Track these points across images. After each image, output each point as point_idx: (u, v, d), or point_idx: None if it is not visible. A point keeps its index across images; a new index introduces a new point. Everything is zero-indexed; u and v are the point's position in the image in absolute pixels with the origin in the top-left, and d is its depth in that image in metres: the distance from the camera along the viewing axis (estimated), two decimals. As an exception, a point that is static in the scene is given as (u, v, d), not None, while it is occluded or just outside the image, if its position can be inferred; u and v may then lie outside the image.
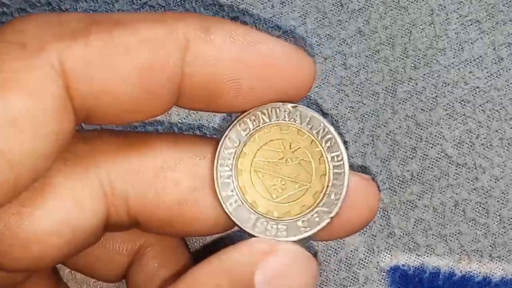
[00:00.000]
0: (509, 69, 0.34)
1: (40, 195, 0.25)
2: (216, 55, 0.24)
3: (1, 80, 0.22)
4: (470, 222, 0.33)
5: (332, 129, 0.26)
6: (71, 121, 0.23)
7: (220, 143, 0.26)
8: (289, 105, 0.26)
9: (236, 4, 0.34)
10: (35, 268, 0.26)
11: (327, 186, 0.26)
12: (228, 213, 0.26)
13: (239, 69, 0.25)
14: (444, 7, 0.34)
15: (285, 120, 0.26)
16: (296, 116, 0.26)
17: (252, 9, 0.34)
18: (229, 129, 0.26)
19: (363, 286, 0.33)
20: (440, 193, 0.34)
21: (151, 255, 0.30)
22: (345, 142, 0.31)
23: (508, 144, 0.34)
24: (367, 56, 0.34)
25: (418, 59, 0.34)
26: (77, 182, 0.25)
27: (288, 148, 0.26)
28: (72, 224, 0.25)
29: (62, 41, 0.23)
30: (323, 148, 0.26)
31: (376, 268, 0.34)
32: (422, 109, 0.34)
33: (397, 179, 0.34)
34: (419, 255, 0.33)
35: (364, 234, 0.34)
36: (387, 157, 0.34)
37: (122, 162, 0.26)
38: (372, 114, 0.34)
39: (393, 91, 0.34)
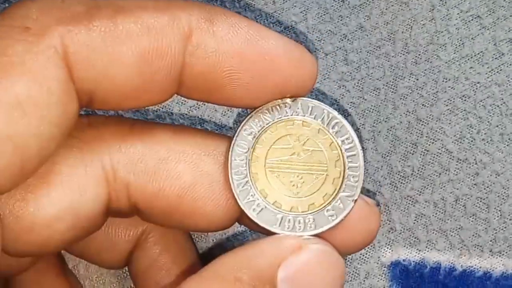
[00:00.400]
0: (510, 65, 0.34)
1: (45, 182, 0.25)
2: (217, 46, 0.25)
3: (4, 64, 0.22)
4: (470, 217, 0.33)
5: (335, 113, 0.27)
6: (74, 104, 0.24)
7: (230, 153, 0.26)
8: (288, 100, 0.26)
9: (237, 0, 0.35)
10: (40, 253, 0.26)
11: (344, 170, 0.26)
12: (254, 219, 0.26)
13: (240, 63, 0.25)
14: (445, 2, 0.34)
15: (287, 116, 0.27)
16: (298, 109, 0.27)
17: (254, 4, 0.34)
18: (235, 137, 0.26)
19: (364, 281, 0.34)
20: (441, 188, 0.34)
21: (152, 241, 0.31)
22: (352, 124, 0.31)
23: (509, 139, 0.34)
24: (368, 52, 0.34)
25: (419, 54, 0.34)
26: (81, 169, 0.25)
27: (297, 142, 0.27)
28: (75, 210, 0.25)
29: (64, 25, 0.23)
30: (331, 134, 0.26)
31: (377, 263, 0.34)
32: (423, 105, 0.34)
33: (398, 174, 0.34)
34: (420, 250, 0.33)
35: (365, 229, 0.34)
36: (388, 153, 0.34)
37: (126, 150, 0.26)
38: (373, 109, 0.34)
39: (394, 86, 0.34)
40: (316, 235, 0.25)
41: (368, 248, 0.34)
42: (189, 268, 0.31)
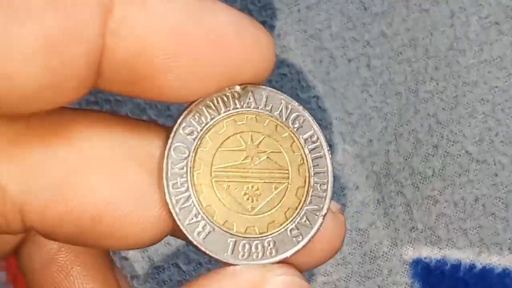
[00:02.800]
0: (527, 69, 0.35)
1: None
2: (148, 23, 0.19)
3: None
4: (490, 216, 0.34)
5: (295, 104, 0.21)
6: None
7: (165, 159, 0.20)
8: (237, 88, 0.21)
9: (264, 8, 0.36)
10: None
11: (309, 176, 0.21)
12: (199, 246, 0.20)
13: (178, 44, 0.19)
14: (464, 9, 0.35)
15: (237, 108, 0.21)
16: (249, 99, 0.21)
17: (280, 13, 0.35)
18: (171, 138, 0.20)
19: (386, 278, 0.34)
20: (461, 188, 0.34)
21: None
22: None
23: (527, 141, 0.34)
24: (390, 58, 0.35)
25: (439, 60, 0.35)
26: None
27: (250, 143, 0.21)
28: None
29: None
30: (291, 131, 0.21)
31: (399, 261, 0.34)
32: (443, 108, 0.35)
33: (420, 176, 0.35)
34: (440, 248, 0.34)
35: (388, 228, 0.35)
36: (410, 155, 0.35)
37: (18, 158, 0.19)
38: (395, 113, 0.35)
39: (415, 91, 0.35)
40: (279, 261, 0.20)
41: (390, 246, 0.34)
42: (99, 272, 0.25)
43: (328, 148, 0.21)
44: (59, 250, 0.24)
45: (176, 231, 0.20)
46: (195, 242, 0.20)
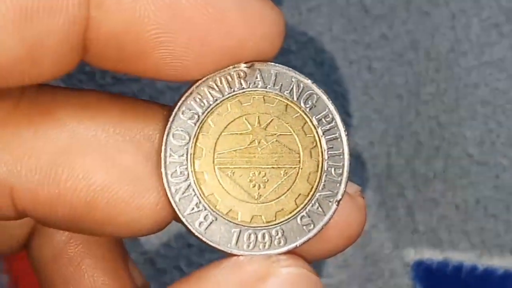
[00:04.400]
0: (528, 71, 0.35)
1: None
2: None
3: None
4: (491, 218, 0.34)
5: (308, 81, 0.19)
6: None
7: (163, 146, 0.19)
8: (243, 66, 0.19)
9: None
10: None
11: (323, 160, 0.19)
12: (201, 237, 0.19)
13: (170, 19, 0.17)
14: (465, 12, 0.35)
15: (243, 88, 0.19)
16: (256, 78, 0.19)
17: (281, 16, 0.36)
18: (169, 122, 0.19)
19: (388, 280, 0.35)
20: (462, 190, 0.34)
21: None
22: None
23: (528, 143, 0.35)
24: (391, 60, 0.35)
25: (440, 62, 0.35)
26: None
27: (257, 125, 0.19)
28: None
29: None
30: (303, 111, 0.19)
31: (401, 263, 0.35)
32: (444, 110, 0.35)
33: (421, 178, 0.35)
34: (442, 250, 0.34)
35: (390, 230, 0.35)
36: (411, 157, 0.35)
37: (6, 139, 0.18)
38: (396, 115, 0.35)
39: (416, 93, 0.35)
40: (287, 252, 0.19)
41: (392, 248, 0.35)
42: (109, 264, 0.24)
43: (344, 129, 0.19)
44: (68, 241, 0.23)
45: (178, 219, 0.19)
46: (196, 233, 0.19)
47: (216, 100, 0.19)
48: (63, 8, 0.17)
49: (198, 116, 0.19)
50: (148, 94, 0.35)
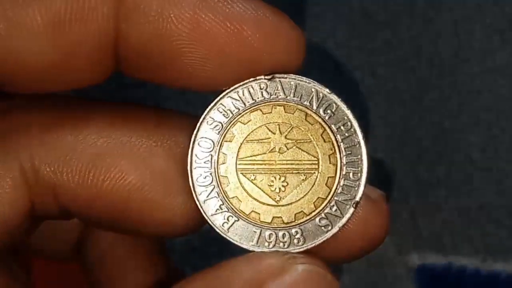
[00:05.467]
0: (531, 77, 0.35)
1: None
2: (161, 8, 0.19)
3: None
4: (494, 223, 0.34)
5: (326, 91, 0.21)
6: None
7: (189, 152, 0.20)
8: (264, 78, 0.20)
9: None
10: None
11: (341, 166, 0.20)
12: (225, 236, 0.20)
13: (192, 31, 0.19)
14: (468, 18, 0.35)
15: (264, 99, 0.20)
16: (277, 89, 0.21)
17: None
18: (196, 131, 0.21)
19: (392, 285, 0.35)
20: (466, 196, 0.35)
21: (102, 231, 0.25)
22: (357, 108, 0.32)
23: (531, 149, 0.35)
24: (394, 66, 0.35)
25: (443, 68, 0.35)
26: None
27: (278, 133, 0.20)
28: None
29: None
30: (323, 119, 0.20)
31: (405, 268, 0.35)
32: (447, 116, 0.35)
33: (424, 183, 0.35)
34: (445, 255, 0.34)
35: (393, 235, 0.35)
36: (415, 162, 0.35)
37: (50, 143, 0.20)
38: (399, 121, 0.35)
39: (419, 99, 0.35)
40: (305, 251, 0.20)
41: (396, 253, 0.35)
42: (150, 265, 0.26)
43: (363, 135, 0.20)
44: (113, 244, 0.25)
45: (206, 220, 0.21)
46: (221, 233, 0.20)
47: (239, 110, 0.20)
48: (93, 19, 0.18)
49: (222, 125, 0.20)
50: (153, 100, 0.35)
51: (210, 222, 0.20)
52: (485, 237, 0.34)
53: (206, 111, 0.21)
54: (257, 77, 0.20)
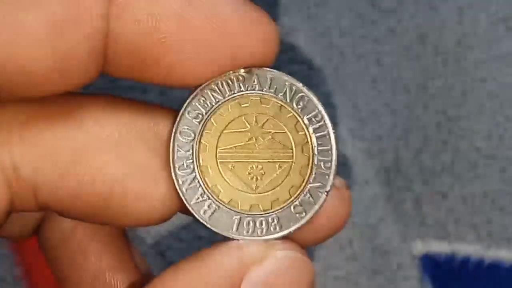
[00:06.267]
0: (536, 65, 0.35)
1: None
2: (150, 7, 0.19)
3: None
4: (498, 211, 0.35)
5: (299, 85, 0.22)
6: None
7: (171, 142, 0.21)
8: (242, 71, 0.21)
9: (274, 6, 0.36)
10: None
11: (313, 155, 0.21)
12: (206, 224, 0.21)
13: (180, 28, 0.20)
14: (473, 6, 0.35)
15: (241, 91, 0.21)
16: (254, 82, 0.21)
17: (289, 11, 0.36)
18: (177, 122, 0.21)
19: (396, 272, 0.35)
20: (470, 183, 0.35)
21: None
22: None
23: (535, 136, 0.35)
24: (399, 54, 0.35)
25: (448, 56, 0.35)
26: None
27: (255, 124, 0.21)
28: None
29: None
30: (296, 111, 0.21)
31: (409, 256, 0.35)
32: (452, 104, 0.35)
33: (429, 171, 0.35)
34: (450, 243, 0.35)
35: (398, 223, 0.35)
36: (419, 150, 0.35)
37: (30, 139, 0.20)
38: (404, 109, 0.35)
39: (424, 87, 0.35)
40: (282, 237, 0.21)
41: (400, 241, 0.35)
42: (114, 249, 0.25)
43: (332, 127, 0.21)
44: (76, 226, 0.25)
45: (184, 209, 0.21)
46: (201, 220, 0.21)
47: (218, 101, 0.21)
48: (88, 20, 0.19)
49: (202, 116, 0.21)
50: (139, 89, 0.35)
51: (192, 211, 0.21)
52: (490, 224, 0.34)
53: (186, 103, 0.21)
54: (236, 70, 0.21)
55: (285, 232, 0.21)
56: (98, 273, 0.25)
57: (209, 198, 0.21)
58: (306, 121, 0.21)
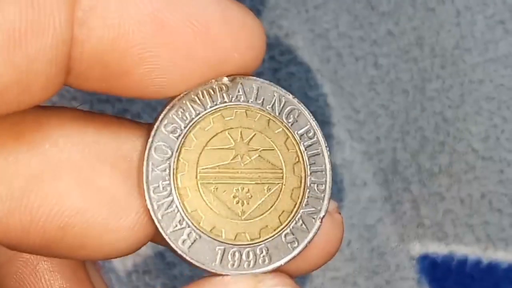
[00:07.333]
0: (532, 67, 0.35)
1: None
2: (121, 10, 0.17)
3: None
4: (496, 212, 0.35)
5: (290, 96, 0.19)
6: None
7: (145, 160, 0.18)
8: (225, 79, 0.19)
9: (272, 8, 0.36)
10: None
11: (305, 176, 0.19)
12: (185, 256, 0.18)
13: (156, 33, 0.17)
14: (470, 8, 0.35)
15: (225, 102, 0.19)
16: (238, 92, 0.19)
17: (288, 13, 0.36)
18: (151, 137, 0.18)
19: (394, 273, 0.35)
20: (467, 185, 0.35)
21: None
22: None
23: (532, 138, 0.35)
24: (396, 56, 0.35)
25: (445, 58, 0.35)
26: None
27: (240, 140, 0.19)
28: None
29: None
30: (285, 126, 0.19)
31: (407, 256, 0.35)
32: (449, 106, 0.35)
33: (426, 172, 0.35)
34: (447, 244, 0.35)
35: (395, 224, 0.35)
36: (417, 152, 0.35)
37: None
38: (402, 111, 0.35)
39: (421, 89, 0.35)
40: (272, 270, 0.18)
41: (398, 242, 0.35)
42: (67, 267, 0.22)
43: (326, 145, 0.19)
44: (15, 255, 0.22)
45: (158, 238, 0.18)
46: (179, 252, 0.18)
47: (199, 114, 0.19)
48: (50, 28, 0.16)
49: (181, 130, 0.18)
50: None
51: (168, 241, 0.18)
52: (487, 225, 0.35)
53: (162, 114, 0.18)
54: (218, 78, 0.18)
55: (276, 265, 0.18)
56: None
57: (188, 226, 0.18)
58: (297, 138, 0.19)
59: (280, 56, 0.35)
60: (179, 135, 0.18)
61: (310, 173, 0.19)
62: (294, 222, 0.19)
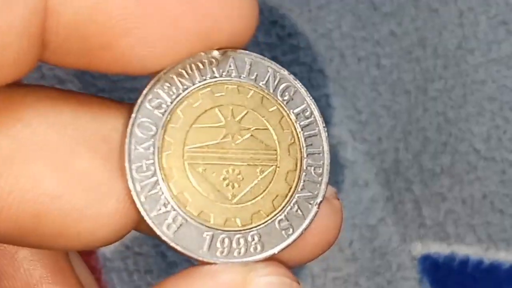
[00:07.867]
0: (535, 68, 0.35)
1: None
2: None
3: None
4: (497, 212, 0.35)
5: (285, 72, 0.18)
6: None
7: (127, 138, 0.16)
8: (215, 53, 0.17)
9: (275, 8, 0.36)
10: None
11: (301, 158, 0.17)
12: (169, 242, 0.16)
13: (138, 3, 0.16)
14: (473, 9, 0.35)
15: (215, 77, 0.17)
16: (230, 67, 0.17)
17: (291, 13, 0.36)
18: (134, 112, 0.17)
19: (395, 273, 0.35)
20: (469, 185, 0.35)
21: None
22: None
23: (534, 139, 0.35)
24: (399, 57, 0.36)
25: (448, 59, 0.35)
26: None
27: (231, 118, 0.17)
28: None
29: None
30: (280, 104, 0.17)
31: (408, 257, 0.35)
32: (451, 107, 0.35)
33: (428, 173, 0.35)
34: (449, 244, 0.35)
35: (397, 224, 0.35)
36: (419, 152, 0.35)
37: None
38: (404, 111, 0.35)
39: (424, 89, 0.35)
40: (265, 259, 0.17)
41: (399, 242, 0.35)
42: (48, 256, 0.21)
43: (324, 125, 0.18)
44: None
45: (142, 225, 0.17)
46: (164, 237, 0.16)
47: (186, 89, 0.17)
48: (20, 2, 0.15)
49: (167, 106, 0.17)
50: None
51: (152, 225, 0.16)
52: (489, 226, 0.35)
53: (146, 89, 0.17)
54: (207, 51, 0.17)
55: (268, 253, 0.17)
56: (31, 286, 0.20)
57: (174, 209, 0.16)
58: (293, 117, 0.18)
59: (282, 56, 0.35)
60: (165, 111, 0.17)
61: (307, 155, 0.17)
62: (289, 207, 0.17)
